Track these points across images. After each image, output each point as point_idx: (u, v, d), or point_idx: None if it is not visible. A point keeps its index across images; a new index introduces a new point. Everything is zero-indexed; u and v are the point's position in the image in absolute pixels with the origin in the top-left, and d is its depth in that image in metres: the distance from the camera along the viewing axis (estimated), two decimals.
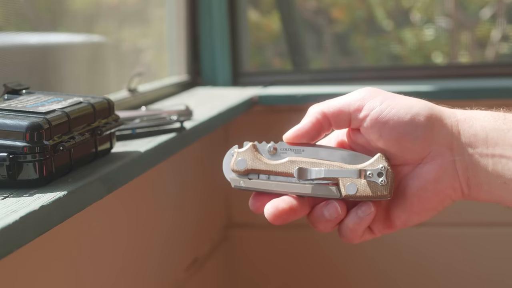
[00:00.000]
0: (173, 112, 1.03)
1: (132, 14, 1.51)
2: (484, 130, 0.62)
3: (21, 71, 1.00)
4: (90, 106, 0.75)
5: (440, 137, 0.62)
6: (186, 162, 1.30)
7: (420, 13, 2.36)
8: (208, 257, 1.41)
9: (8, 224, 0.54)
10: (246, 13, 1.72)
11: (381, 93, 0.64)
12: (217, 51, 1.59)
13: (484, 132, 0.62)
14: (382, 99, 0.63)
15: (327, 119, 0.64)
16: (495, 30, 2.29)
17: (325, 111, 0.64)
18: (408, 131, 0.61)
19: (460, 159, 0.62)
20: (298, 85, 1.57)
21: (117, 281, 1.01)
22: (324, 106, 0.65)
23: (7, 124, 0.65)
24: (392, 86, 1.47)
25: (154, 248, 1.14)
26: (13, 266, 0.72)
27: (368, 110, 0.63)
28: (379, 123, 0.62)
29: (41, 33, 1.17)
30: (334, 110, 0.64)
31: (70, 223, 0.67)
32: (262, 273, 1.58)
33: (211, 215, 1.49)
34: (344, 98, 0.65)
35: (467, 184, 0.62)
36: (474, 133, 0.62)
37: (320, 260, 1.54)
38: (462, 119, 0.62)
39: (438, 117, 0.62)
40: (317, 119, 0.64)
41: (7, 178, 0.65)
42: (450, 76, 1.59)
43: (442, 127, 0.62)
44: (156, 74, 1.61)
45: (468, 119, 0.63)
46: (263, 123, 1.53)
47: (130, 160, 0.79)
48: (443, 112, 0.63)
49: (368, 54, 2.45)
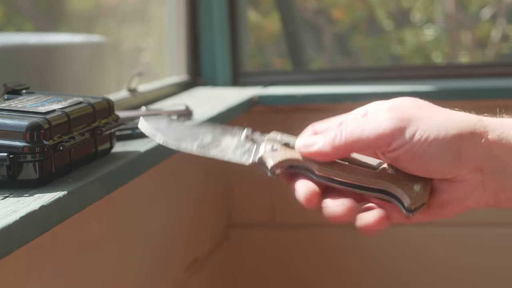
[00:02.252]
0: (173, 112, 1.03)
1: (132, 14, 1.51)
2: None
3: (21, 71, 1.00)
4: (90, 106, 0.75)
5: (469, 161, 0.60)
6: (186, 162, 1.30)
7: (420, 13, 2.36)
8: (208, 257, 1.41)
9: (8, 224, 0.54)
10: (246, 13, 1.72)
11: (409, 122, 0.60)
12: (217, 51, 1.59)
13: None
14: (413, 129, 0.60)
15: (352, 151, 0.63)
16: (495, 30, 2.29)
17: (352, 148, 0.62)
18: (437, 159, 0.60)
19: (489, 178, 0.61)
20: (298, 85, 1.56)
21: (117, 281, 1.01)
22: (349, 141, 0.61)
23: (7, 124, 0.65)
24: (392, 86, 1.47)
25: (154, 248, 1.14)
26: (13, 266, 0.72)
27: (398, 145, 0.60)
28: (409, 156, 0.60)
29: (41, 33, 1.17)
30: (361, 147, 0.62)
31: (70, 223, 0.67)
32: (262, 273, 1.58)
33: (211, 215, 1.49)
34: (372, 131, 0.61)
35: (494, 199, 0.62)
36: (506, 152, 0.60)
37: (320, 260, 1.54)
38: (494, 139, 0.61)
39: (468, 141, 0.60)
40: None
41: (7, 178, 0.65)
42: (450, 76, 1.59)
43: (472, 151, 0.60)
44: (156, 74, 1.61)
45: (500, 137, 0.61)
46: (263, 123, 1.53)
47: (130, 160, 0.79)
48: (474, 133, 0.61)
49: (368, 54, 2.45)
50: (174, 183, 1.25)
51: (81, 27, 1.27)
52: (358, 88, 1.48)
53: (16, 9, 1.14)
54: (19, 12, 1.15)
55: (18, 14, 1.14)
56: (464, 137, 0.60)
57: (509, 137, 0.61)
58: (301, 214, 1.54)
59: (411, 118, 0.60)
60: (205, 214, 1.43)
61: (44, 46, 1.10)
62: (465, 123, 0.61)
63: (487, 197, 0.62)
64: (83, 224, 0.89)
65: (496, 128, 0.61)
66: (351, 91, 1.47)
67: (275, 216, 1.55)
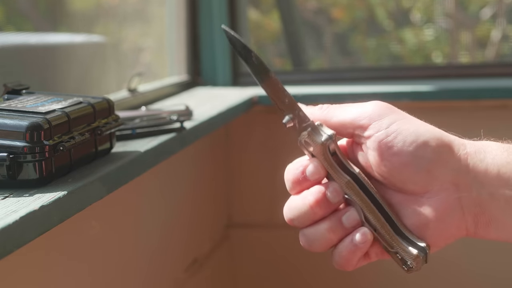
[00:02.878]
0: (173, 112, 1.03)
1: (132, 14, 1.51)
2: (495, 165, 0.57)
3: (21, 71, 1.00)
4: (90, 106, 0.75)
5: (445, 171, 0.58)
6: (186, 162, 1.30)
7: (420, 13, 2.36)
8: (208, 257, 1.41)
9: (8, 224, 0.54)
10: (246, 13, 1.72)
11: (391, 113, 0.59)
12: (217, 51, 1.59)
13: (496, 167, 0.57)
14: (390, 120, 0.58)
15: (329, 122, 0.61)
16: (495, 30, 2.29)
17: (328, 122, 0.60)
18: (411, 161, 0.57)
19: (466, 196, 0.58)
20: (298, 85, 1.56)
21: (117, 281, 1.01)
22: (328, 115, 0.61)
23: (7, 124, 0.65)
24: (392, 86, 1.47)
25: (154, 248, 1.14)
26: (13, 266, 0.72)
27: (373, 130, 0.58)
28: (382, 147, 0.58)
29: (41, 33, 1.17)
30: (336, 123, 0.60)
31: (70, 223, 0.67)
32: (262, 273, 1.58)
33: (211, 214, 1.49)
34: (351, 110, 0.60)
35: (474, 222, 0.58)
36: (485, 168, 0.57)
37: (320, 260, 1.54)
38: (472, 152, 0.58)
39: (446, 149, 0.58)
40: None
41: (7, 178, 0.65)
42: (450, 76, 1.59)
43: (449, 160, 0.58)
44: (156, 74, 1.61)
45: (478, 152, 0.58)
46: (263, 123, 1.53)
47: (130, 160, 0.79)
48: (452, 143, 0.58)
49: (368, 54, 2.45)
50: (174, 183, 1.25)
51: (81, 27, 1.27)
52: (358, 88, 1.48)
53: (16, 9, 1.14)
54: (19, 12, 1.15)
55: (18, 14, 1.14)
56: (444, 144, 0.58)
57: (486, 156, 0.58)
58: None
59: (394, 111, 0.60)
60: (205, 214, 1.43)
61: (44, 46, 1.10)
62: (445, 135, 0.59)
63: (466, 221, 0.58)
64: (83, 224, 0.89)
65: (474, 145, 0.59)
66: (351, 91, 1.47)
67: (275, 216, 1.55)
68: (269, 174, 1.51)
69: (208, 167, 1.42)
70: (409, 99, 1.39)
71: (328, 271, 1.56)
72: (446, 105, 1.43)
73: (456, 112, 1.44)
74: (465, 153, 0.58)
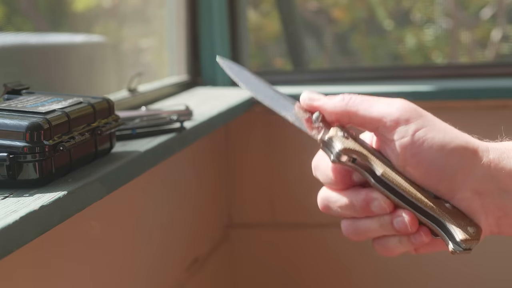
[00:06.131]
0: (173, 112, 1.03)
1: (132, 14, 1.51)
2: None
3: (21, 71, 1.00)
4: (90, 106, 0.75)
5: (469, 180, 0.58)
6: (186, 162, 1.30)
7: (420, 13, 2.36)
8: (208, 257, 1.41)
9: (8, 224, 0.54)
10: (246, 13, 1.72)
11: (419, 118, 0.59)
12: (217, 51, 1.59)
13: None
14: (417, 127, 0.58)
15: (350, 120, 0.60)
16: (495, 30, 2.29)
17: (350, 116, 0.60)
18: (435, 171, 0.57)
19: (489, 202, 0.58)
20: (298, 85, 1.56)
21: (117, 281, 1.01)
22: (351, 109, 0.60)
23: (7, 124, 0.65)
24: (392, 86, 1.47)
25: (154, 248, 1.14)
26: (13, 266, 0.72)
27: (399, 136, 0.58)
28: (407, 154, 0.57)
29: (41, 33, 1.17)
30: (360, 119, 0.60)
31: (70, 223, 0.67)
32: (262, 273, 1.58)
33: (212, 214, 1.49)
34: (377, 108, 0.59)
35: (497, 224, 0.59)
36: (507, 174, 0.57)
37: (320, 260, 1.54)
38: (495, 159, 0.58)
39: (470, 158, 0.58)
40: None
41: (7, 178, 0.65)
42: (450, 76, 1.59)
43: (473, 169, 0.57)
44: (156, 74, 1.61)
45: (501, 157, 0.58)
46: (263, 123, 1.53)
47: (130, 160, 0.79)
48: (477, 150, 0.58)
49: (368, 54, 2.44)
50: (174, 183, 1.25)
51: (81, 27, 1.27)
52: (358, 88, 1.48)
53: (16, 9, 1.14)
54: (19, 12, 1.15)
55: (18, 14, 1.14)
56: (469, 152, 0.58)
57: (510, 161, 0.58)
58: (301, 214, 1.54)
59: (421, 115, 0.59)
60: (205, 214, 1.43)
61: (44, 46, 1.10)
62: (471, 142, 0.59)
63: (490, 224, 0.59)
64: (83, 224, 0.89)
65: (497, 149, 0.59)
66: (351, 91, 1.46)
67: (276, 216, 1.55)
68: (269, 174, 1.51)
69: (208, 167, 1.42)
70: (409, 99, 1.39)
71: (329, 271, 1.56)
72: (446, 105, 1.43)
73: (456, 112, 1.44)
74: (488, 160, 0.58)
